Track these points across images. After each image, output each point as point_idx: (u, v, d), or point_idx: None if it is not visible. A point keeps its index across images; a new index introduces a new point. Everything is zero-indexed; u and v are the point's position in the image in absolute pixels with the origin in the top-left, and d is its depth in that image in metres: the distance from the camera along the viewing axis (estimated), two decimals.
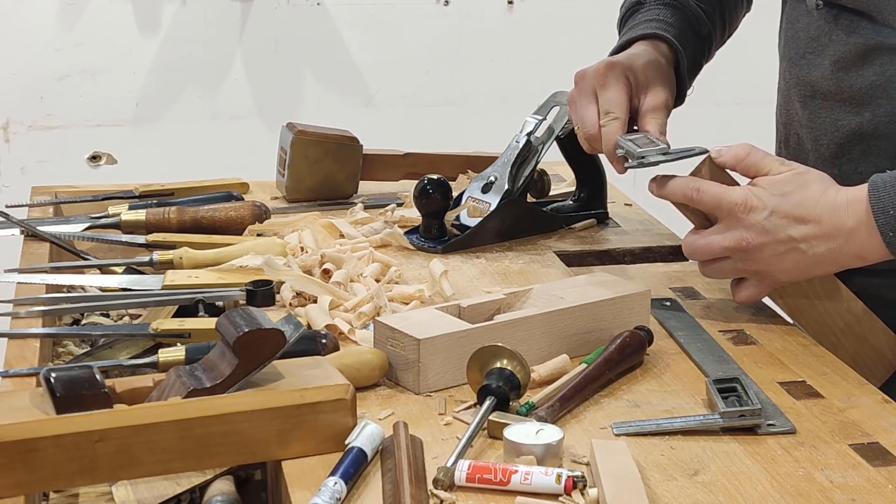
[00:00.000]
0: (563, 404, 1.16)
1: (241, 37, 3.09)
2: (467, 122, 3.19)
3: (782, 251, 1.31)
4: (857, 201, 1.28)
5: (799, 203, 1.30)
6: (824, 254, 1.30)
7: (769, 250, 1.31)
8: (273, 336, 1.07)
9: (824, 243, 1.29)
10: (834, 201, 1.29)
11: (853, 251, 1.29)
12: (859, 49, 1.38)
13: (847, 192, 1.29)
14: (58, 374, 1.05)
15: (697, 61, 1.58)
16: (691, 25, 1.55)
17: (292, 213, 1.72)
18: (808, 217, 1.29)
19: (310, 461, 1.07)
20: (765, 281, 1.35)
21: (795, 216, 1.30)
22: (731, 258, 1.34)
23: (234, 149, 3.06)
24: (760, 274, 1.34)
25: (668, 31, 1.51)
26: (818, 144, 1.44)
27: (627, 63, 1.46)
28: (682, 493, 1.03)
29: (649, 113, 1.44)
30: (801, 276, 1.34)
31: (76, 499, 1.10)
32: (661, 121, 1.44)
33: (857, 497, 1.03)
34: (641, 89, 1.45)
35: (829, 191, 1.30)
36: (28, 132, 3.02)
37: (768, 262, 1.32)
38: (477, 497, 1.02)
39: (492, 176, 1.66)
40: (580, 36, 3.11)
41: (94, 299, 1.38)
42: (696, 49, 1.56)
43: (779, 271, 1.33)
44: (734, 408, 1.13)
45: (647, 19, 1.54)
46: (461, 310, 1.30)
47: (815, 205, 1.29)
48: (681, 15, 1.54)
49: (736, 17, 1.64)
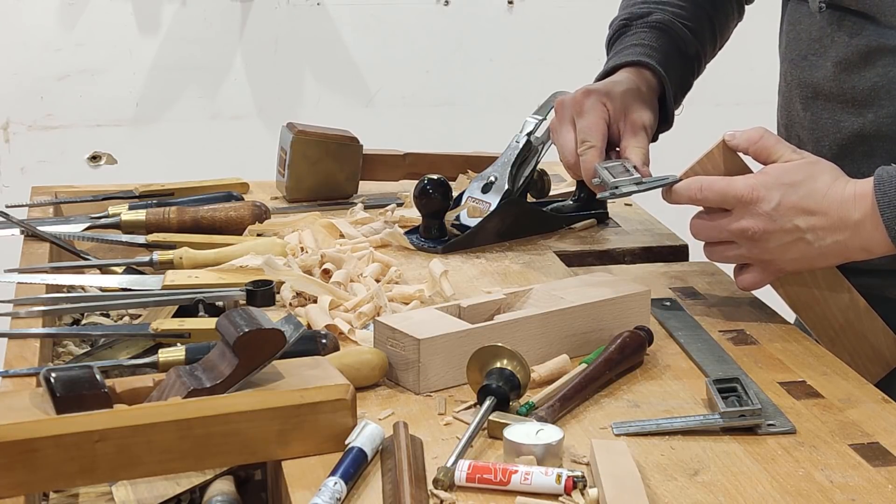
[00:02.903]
0: (563, 404, 1.16)
1: (241, 37, 3.09)
2: (467, 122, 3.19)
3: (788, 241, 1.31)
4: (864, 195, 1.28)
5: (807, 194, 1.30)
6: (830, 246, 1.30)
7: (775, 240, 1.31)
8: (273, 336, 1.07)
9: (831, 235, 1.30)
10: (842, 194, 1.29)
11: (859, 244, 1.29)
12: (862, 51, 1.38)
13: (855, 184, 1.29)
14: (58, 374, 1.05)
15: (685, 81, 1.58)
16: (677, 47, 1.55)
17: (292, 213, 1.72)
18: (815, 209, 1.29)
19: (310, 461, 1.07)
20: (769, 269, 1.35)
21: (803, 207, 1.30)
22: (736, 244, 1.34)
23: (234, 149, 3.06)
24: (765, 262, 1.34)
25: (651, 57, 1.51)
26: (819, 146, 1.44)
27: (605, 90, 1.46)
28: (682, 493, 1.03)
29: (631, 140, 1.45)
30: (806, 266, 1.34)
31: (76, 499, 1.10)
32: (643, 149, 1.45)
33: (857, 497, 1.03)
34: (620, 115, 1.46)
35: (838, 182, 1.30)
36: (28, 132, 3.02)
37: (774, 251, 1.32)
38: (477, 497, 1.02)
39: (492, 176, 1.66)
40: (580, 36, 3.11)
41: (94, 299, 1.38)
42: (683, 71, 1.56)
43: (784, 261, 1.33)
44: (734, 408, 1.13)
45: (633, 44, 1.54)
46: (461, 310, 1.30)
47: (822, 197, 1.29)
48: (666, 38, 1.54)
49: (727, 29, 1.64)
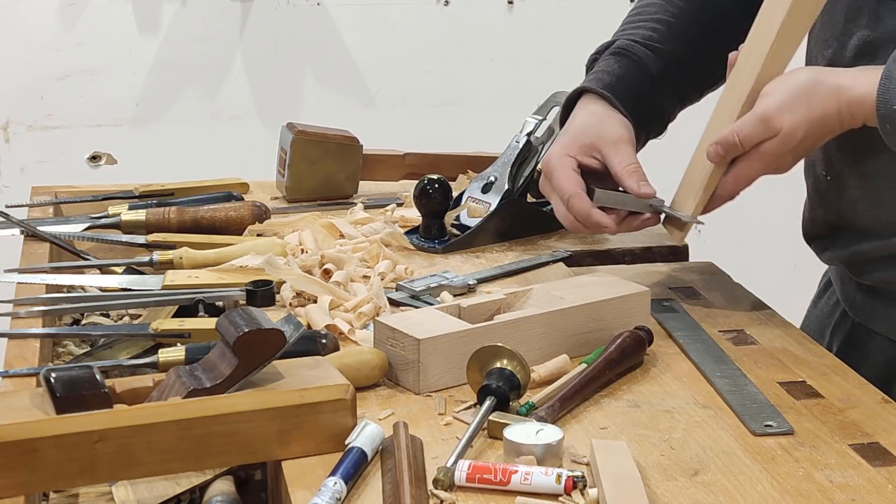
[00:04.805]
0: (563, 404, 1.16)
1: (241, 37, 3.08)
2: (467, 122, 3.19)
3: (795, 144, 1.30)
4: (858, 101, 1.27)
5: (782, 97, 1.30)
6: (825, 104, 1.29)
7: (790, 155, 1.32)
8: (273, 336, 1.07)
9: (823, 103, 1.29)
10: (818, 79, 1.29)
11: (847, 96, 1.28)
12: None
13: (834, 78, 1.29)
14: (58, 374, 1.05)
15: (649, 98, 1.52)
16: (638, 68, 1.51)
17: (292, 213, 1.72)
18: (787, 102, 1.29)
19: (310, 461, 1.07)
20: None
21: (778, 107, 1.29)
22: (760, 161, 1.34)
23: (234, 149, 3.06)
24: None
25: (601, 82, 1.48)
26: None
27: (562, 144, 1.44)
28: (682, 493, 1.03)
29: (613, 159, 1.42)
30: (817, 140, 1.33)
31: (76, 499, 1.10)
32: (624, 163, 1.41)
33: (857, 497, 1.03)
34: (591, 148, 1.43)
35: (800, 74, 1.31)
36: (28, 132, 3.02)
37: (796, 155, 1.33)
38: (477, 497, 1.02)
39: (492, 176, 1.66)
40: (580, 36, 3.10)
41: (94, 299, 1.38)
42: (642, 88, 1.50)
43: (804, 151, 1.34)
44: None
45: (592, 73, 1.52)
46: (461, 310, 1.30)
47: (797, 91, 1.29)
48: (626, 61, 1.51)
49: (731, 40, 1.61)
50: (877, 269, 1.39)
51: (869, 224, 1.39)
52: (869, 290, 1.43)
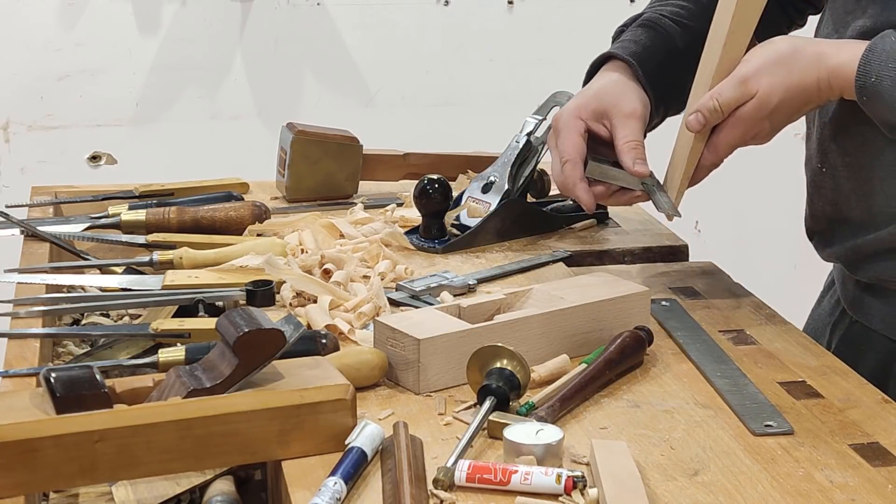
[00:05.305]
0: (563, 404, 1.16)
1: (241, 37, 3.08)
2: (467, 122, 3.19)
3: (771, 108, 1.31)
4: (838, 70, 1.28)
5: (761, 61, 1.31)
6: (805, 73, 1.30)
7: (767, 121, 1.32)
8: (273, 336, 1.07)
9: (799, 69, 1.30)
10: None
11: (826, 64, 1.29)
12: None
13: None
14: (58, 374, 1.05)
15: (673, 73, 1.52)
16: (663, 41, 1.52)
17: (292, 213, 1.72)
18: (766, 66, 1.31)
19: (310, 461, 1.07)
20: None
21: (756, 70, 1.30)
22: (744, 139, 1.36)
23: (234, 149, 3.06)
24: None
25: (626, 50, 1.49)
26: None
27: (575, 105, 1.45)
28: (682, 493, 1.03)
29: (619, 132, 1.42)
30: (794, 108, 1.34)
31: (76, 499, 1.10)
32: (627, 138, 1.42)
33: (857, 497, 1.03)
34: (603, 115, 1.44)
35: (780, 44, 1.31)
36: (28, 132, 3.02)
37: (774, 123, 1.34)
38: (477, 497, 1.02)
39: (492, 176, 1.66)
40: (580, 36, 3.11)
41: (94, 299, 1.38)
42: (666, 61, 1.51)
43: (782, 118, 1.34)
44: None
45: (618, 42, 1.54)
46: (461, 310, 1.30)
47: (777, 57, 1.30)
48: (652, 33, 1.53)
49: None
50: (873, 264, 1.39)
51: (863, 216, 1.39)
52: (866, 288, 1.43)
